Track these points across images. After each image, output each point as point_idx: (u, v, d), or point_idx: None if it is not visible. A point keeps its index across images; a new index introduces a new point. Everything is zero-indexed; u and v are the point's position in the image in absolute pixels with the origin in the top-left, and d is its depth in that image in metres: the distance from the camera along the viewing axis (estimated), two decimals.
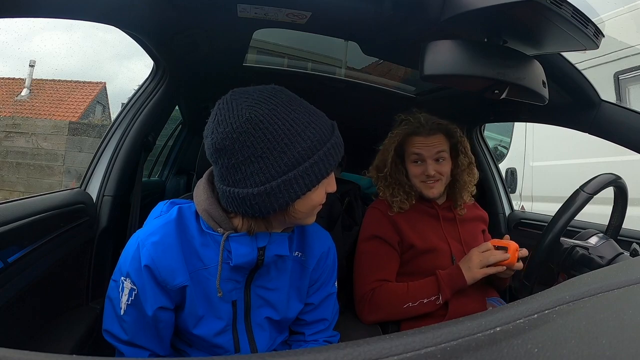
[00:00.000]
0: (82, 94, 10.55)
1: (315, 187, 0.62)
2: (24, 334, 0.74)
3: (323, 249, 0.82)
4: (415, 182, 1.10)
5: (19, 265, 0.70)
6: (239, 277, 0.71)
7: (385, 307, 1.00)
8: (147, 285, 0.65)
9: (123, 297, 0.66)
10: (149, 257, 0.64)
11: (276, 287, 0.75)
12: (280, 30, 0.98)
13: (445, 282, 0.98)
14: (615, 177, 0.86)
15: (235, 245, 0.66)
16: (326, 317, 0.85)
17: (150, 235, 0.65)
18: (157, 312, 0.66)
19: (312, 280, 0.81)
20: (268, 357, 0.26)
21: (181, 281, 0.65)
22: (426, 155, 1.08)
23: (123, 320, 0.67)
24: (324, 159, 0.61)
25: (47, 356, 0.25)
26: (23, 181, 5.38)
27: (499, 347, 0.27)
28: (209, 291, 0.69)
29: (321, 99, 1.58)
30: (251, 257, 0.66)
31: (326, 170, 0.61)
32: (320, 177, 0.61)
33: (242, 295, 0.72)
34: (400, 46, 0.98)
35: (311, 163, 0.60)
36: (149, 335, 0.68)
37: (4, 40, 11.22)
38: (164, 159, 2.36)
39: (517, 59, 0.72)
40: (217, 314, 0.70)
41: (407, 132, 1.10)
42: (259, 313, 0.75)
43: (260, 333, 0.75)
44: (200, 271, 0.68)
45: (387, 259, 1.06)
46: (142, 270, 0.64)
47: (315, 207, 0.67)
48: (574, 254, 0.87)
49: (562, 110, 1.04)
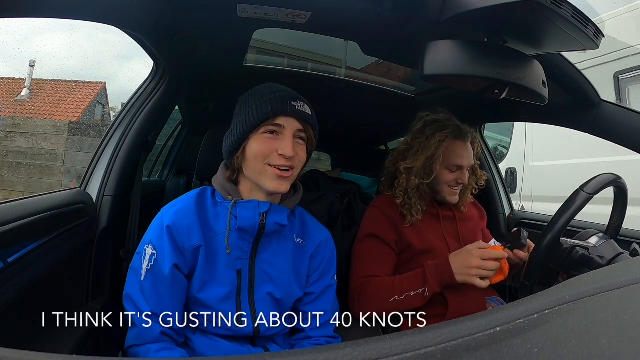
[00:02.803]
0: (82, 94, 10.54)
1: (255, 130, 0.76)
2: (24, 334, 0.74)
3: (322, 238, 0.90)
4: (443, 187, 1.07)
5: (19, 265, 0.70)
6: (244, 246, 0.80)
7: (373, 302, 0.98)
8: (166, 246, 0.75)
9: (144, 263, 0.76)
10: (170, 219, 0.77)
11: (278, 265, 0.83)
12: (280, 30, 0.98)
13: (432, 274, 0.94)
14: (615, 177, 0.86)
15: (241, 210, 0.78)
16: (326, 310, 0.87)
17: (173, 206, 0.80)
18: (173, 270, 0.75)
19: (312, 269, 0.88)
20: (268, 357, 0.26)
21: (197, 241, 0.77)
22: (465, 165, 1.06)
23: (143, 286, 0.75)
24: (253, 111, 0.76)
25: (47, 356, 0.25)
26: (23, 181, 5.37)
27: (499, 347, 0.27)
28: (217, 258, 0.78)
29: (321, 99, 1.59)
30: (254, 220, 0.77)
31: (262, 116, 0.75)
32: (257, 121, 0.75)
33: (247, 267, 0.80)
34: (400, 46, 0.98)
35: (251, 108, 0.77)
36: (165, 302, 0.75)
37: (4, 40, 11.26)
38: (164, 159, 2.35)
39: (517, 59, 0.72)
40: (222, 281, 0.79)
41: (452, 136, 1.05)
42: (262, 289, 0.81)
43: (262, 308, 0.81)
44: (212, 239, 0.79)
45: (380, 257, 1.05)
46: (163, 231, 0.76)
47: (261, 159, 0.76)
48: (574, 254, 0.87)
49: (562, 110, 1.04)
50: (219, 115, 1.68)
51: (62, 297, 0.89)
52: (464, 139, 1.07)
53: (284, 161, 0.75)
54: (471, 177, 1.14)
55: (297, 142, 0.78)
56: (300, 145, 0.79)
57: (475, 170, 1.16)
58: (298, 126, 0.77)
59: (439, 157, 1.03)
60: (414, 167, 1.05)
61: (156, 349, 0.73)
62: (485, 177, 1.17)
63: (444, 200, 1.09)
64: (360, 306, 1.00)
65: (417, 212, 1.06)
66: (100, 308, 0.97)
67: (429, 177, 1.04)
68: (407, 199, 1.06)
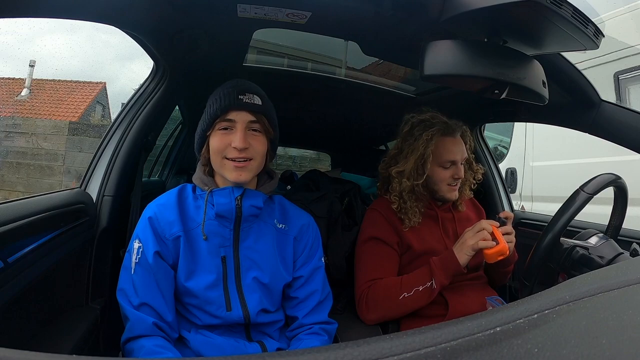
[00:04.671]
0: (82, 94, 10.54)
1: (211, 126, 0.81)
2: (24, 334, 0.73)
3: (303, 222, 0.93)
4: (441, 186, 1.07)
5: (19, 265, 0.70)
6: (225, 232, 0.83)
7: (382, 302, 0.99)
8: (149, 236, 0.80)
9: (133, 257, 0.80)
10: (152, 212, 0.83)
11: (262, 250, 0.86)
12: (280, 30, 0.98)
13: (437, 266, 0.96)
14: (615, 177, 0.86)
15: (217, 197, 0.82)
16: (317, 289, 0.90)
17: (157, 200, 0.86)
18: (156, 257, 0.79)
19: (297, 252, 0.91)
20: (268, 357, 0.26)
21: (176, 231, 0.81)
22: (458, 159, 1.06)
23: (133, 280, 0.79)
24: (208, 110, 0.82)
25: (47, 356, 0.25)
26: (23, 181, 5.37)
27: (499, 347, 0.27)
28: (199, 247, 0.82)
29: (321, 99, 1.59)
30: (230, 205, 0.81)
31: (214, 114, 0.80)
32: (210, 119, 0.81)
33: (231, 254, 0.83)
34: (400, 46, 0.98)
35: (209, 106, 0.83)
36: (154, 292, 0.78)
37: (5, 41, 11.25)
38: (164, 159, 2.35)
39: (517, 59, 0.72)
40: (207, 269, 0.82)
41: (440, 133, 1.04)
42: (248, 275, 0.84)
43: (250, 294, 0.84)
44: (193, 230, 0.83)
45: (385, 259, 1.05)
46: (146, 223, 0.81)
47: (218, 153, 0.80)
48: (574, 254, 0.87)
49: (562, 110, 1.04)
50: None
51: (62, 297, 0.89)
52: (453, 134, 1.06)
53: (237, 153, 0.79)
54: (467, 172, 1.13)
55: (251, 133, 0.81)
56: (256, 137, 0.82)
57: (471, 164, 1.15)
58: (249, 118, 0.80)
59: (428, 155, 1.03)
60: (405, 169, 1.05)
61: (150, 344, 0.74)
62: (482, 170, 1.17)
63: (444, 198, 1.08)
64: (369, 308, 1.00)
65: (415, 215, 1.05)
66: (100, 308, 0.97)
67: (421, 177, 1.04)
68: (402, 203, 1.06)
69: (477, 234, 0.94)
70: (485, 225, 0.94)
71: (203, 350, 0.79)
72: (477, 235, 0.94)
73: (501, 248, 0.91)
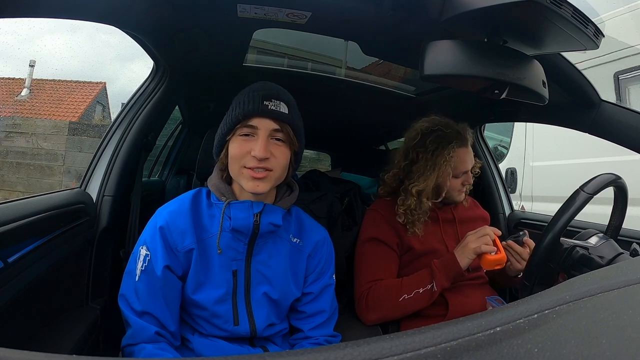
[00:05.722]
0: (82, 94, 10.54)
1: (232, 131, 0.76)
2: (24, 334, 0.73)
3: (319, 238, 0.89)
4: (452, 192, 1.07)
5: (19, 265, 0.70)
6: (239, 247, 0.79)
7: (382, 303, 0.99)
8: (159, 246, 0.75)
9: (138, 264, 0.76)
10: (163, 220, 0.77)
11: (275, 265, 0.82)
12: (280, 30, 0.98)
13: (439, 269, 0.97)
14: (615, 177, 0.86)
15: (235, 211, 0.77)
16: (324, 309, 0.88)
17: (168, 206, 0.80)
18: (165, 271, 0.75)
19: (310, 268, 0.87)
20: (268, 357, 0.26)
21: (189, 243, 0.77)
22: (470, 167, 1.07)
23: (137, 287, 0.75)
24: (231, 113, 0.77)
25: (47, 356, 0.25)
26: (23, 181, 5.37)
27: (499, 347, 0.27)
28: (211, 259, 0.78)
29: (321, 99, 1.59)
30: (248, 221, 0.77)
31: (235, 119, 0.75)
32: (231, 124, 0.76)
33: (242, 268, 0.80)
34: (400, 46, 0.98)
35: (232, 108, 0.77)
36: (159, 303, 0.75)
37: (5, 41, 11.24)
38: (164, 159, 2.36)
39: (517, 59, 0.72)
40: (217, 282, 0.78)
41: (457, 146, 1.04)
42: (258, 290, 0.81)
43: (259, 309, 0.81)
44: (206, 240, 0.78)
45: (385, 260, 1.05)
46: (156, 232, 0.76)
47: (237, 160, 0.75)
48: (574, 254, 0.86)
49: (562, 110, 1.04)
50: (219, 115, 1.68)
51: (62, 297, 0.89)
52: (467, 144, 1.07)
53: (256, 162, 0.73)
54: None
55: (274, 142, 0.75)
56: (278, 146, 0.76)
57: None
58: (273, 126, 0.75)
59: (449, 173, 1.03)
60: (426, 189, 1.02)
61: (151, 347, 0.73)
62: (479, 164, 1.16)
63: (453, 200, 1.10)
64: (369, 309, 1.01)
65: (421, 226, 1.05)
66: (100, 308, 0.97)
67: (440, 196, 1.05)
68: (410, 216, 1.04)
69: (480, 238, 0.95)
70: (488, 231, 0.95)
71: (205, 352, 0.78)
72: (480, 239, 0.94)
73: (501, 257, 0.93)
